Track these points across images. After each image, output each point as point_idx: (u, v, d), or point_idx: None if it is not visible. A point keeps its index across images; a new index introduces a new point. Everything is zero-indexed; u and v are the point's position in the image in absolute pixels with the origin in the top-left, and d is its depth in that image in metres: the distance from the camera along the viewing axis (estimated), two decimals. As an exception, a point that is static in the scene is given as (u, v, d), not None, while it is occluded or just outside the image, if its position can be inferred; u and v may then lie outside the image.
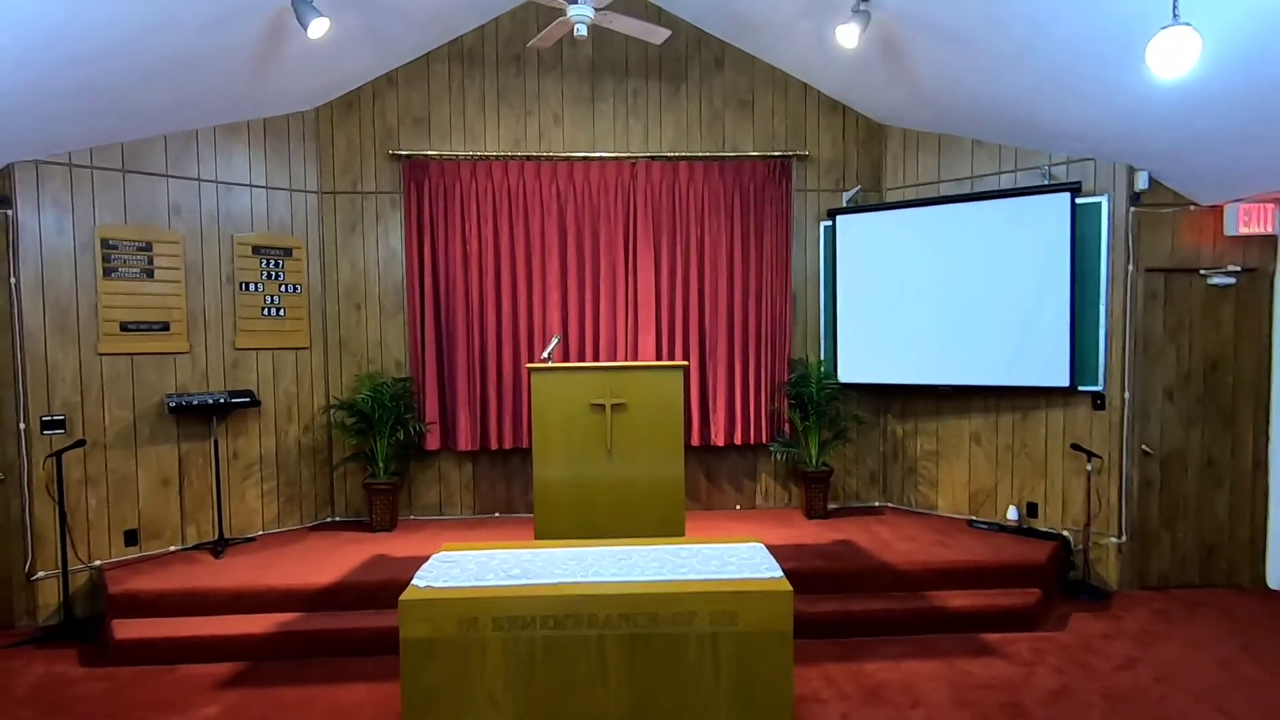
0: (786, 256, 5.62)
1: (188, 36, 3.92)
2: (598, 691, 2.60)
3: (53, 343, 4.42)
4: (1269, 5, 2.94)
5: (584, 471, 3.97)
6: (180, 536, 4.89)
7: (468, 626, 2.58)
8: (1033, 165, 5.01)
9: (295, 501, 5.38)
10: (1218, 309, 4.79)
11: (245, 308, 5.13)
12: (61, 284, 4.45)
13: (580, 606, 2.60)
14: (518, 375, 5.48)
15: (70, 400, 4.48)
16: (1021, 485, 5.17)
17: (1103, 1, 3.35)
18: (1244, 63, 3.33)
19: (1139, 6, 3.20)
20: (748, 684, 2.61)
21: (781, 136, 5.65)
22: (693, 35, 5.54)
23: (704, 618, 2.62)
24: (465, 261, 5.46)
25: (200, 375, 4.95)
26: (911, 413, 5.67)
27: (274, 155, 5.24)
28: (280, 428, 5.30)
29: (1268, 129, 3.73)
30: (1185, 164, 4.44)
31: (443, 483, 5.66)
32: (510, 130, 5.52)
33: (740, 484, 5.78)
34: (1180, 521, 4.85)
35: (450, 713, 2.56)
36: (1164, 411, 4.81)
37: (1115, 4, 3.31)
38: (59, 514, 4.35)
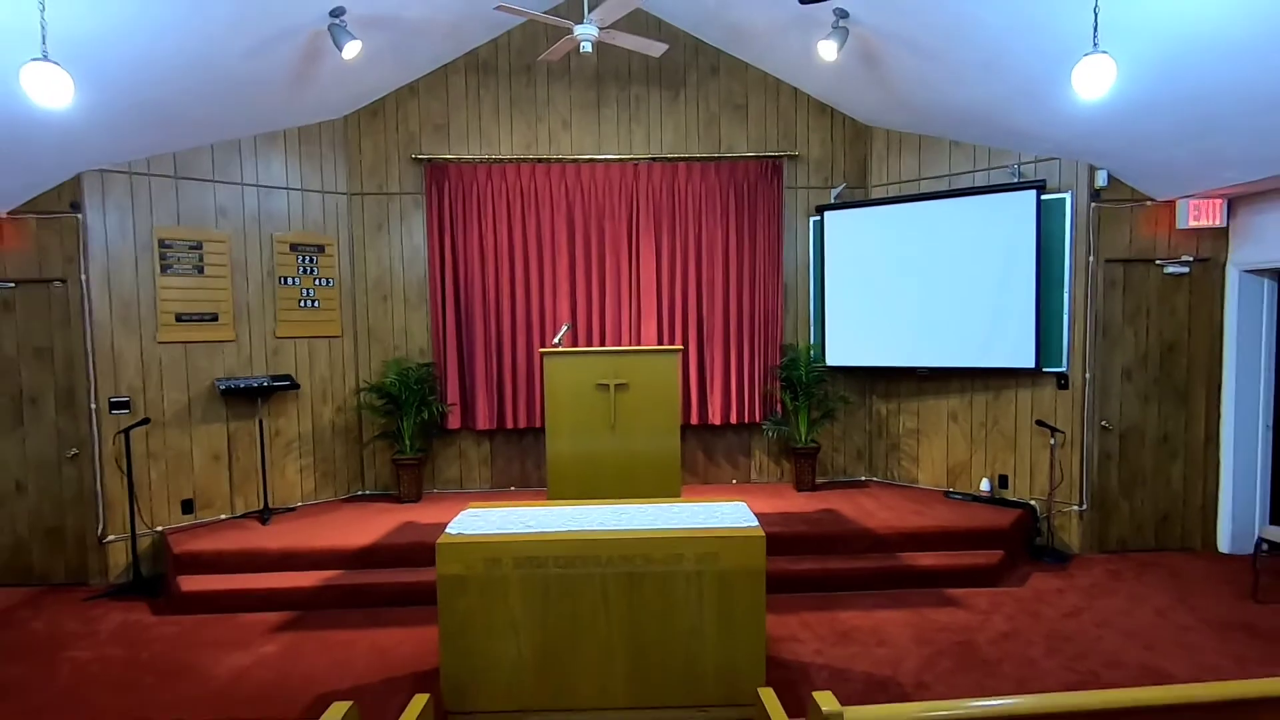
0: (778, 249, 6.08)
1: (236, 60, 4.42)
2: (601, 620, 3.11)
3: (118, 332, 4.96)
4: (1178, 30, 3.37)
5: (591, 444, 4.46)
6: (230, 506, 5.44)
7: (492, 565, 3.08)
8: (1004, 164, 5.43)
9: (330, 476, 5.93)
10: (1173, 296, 5.20)
11: (284, 300, 5.65)
12: (124, 280, 4.98)
13: (586, 549, 3.10)
14: (531, 360, 5.98)
15: (134, 384, 5.03)
16: (994, 459, 5.63)
17: (1052, 23, 3.77)
18: (1166, 77, 3.76)
19: (1083, 29, 3.63)
20: (728, 613, 3.11)
21: (773, 138, 6.09)
22: (690, 44, 5.97)
23: (690, 558, 3.11)
24: (482, 256, 5.96)
25: (245, 361, 5.49)
26: (894, 393, 6.13)
27: (307, 160, 5.75)
28: (316, 409, 5.84)
29: (1197, 134, 4.15)
30: (1139, 163, 4.85)
31: (463, 459, 6.18)
32: (522, 135, 5.99)
33: (736, 460, 6.26)
34: (1137, 491, 5.29)
35: (478, 637, 3.08)
36: (1123, 390, 5.24)
37: (1064, 25, 3.73)
38: (127, 484, 4.91)
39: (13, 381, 4.91)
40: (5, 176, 4.51)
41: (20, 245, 4.81)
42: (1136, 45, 3.63)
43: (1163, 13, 3.36)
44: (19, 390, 4.92)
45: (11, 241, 4.80)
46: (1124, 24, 3.50)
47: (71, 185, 4.79)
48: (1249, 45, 3.34)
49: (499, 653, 3.09)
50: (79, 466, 4.94)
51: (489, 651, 3.09)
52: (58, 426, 4.95)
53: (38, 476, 4.96)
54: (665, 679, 3.12)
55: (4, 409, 4.92)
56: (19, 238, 4.80)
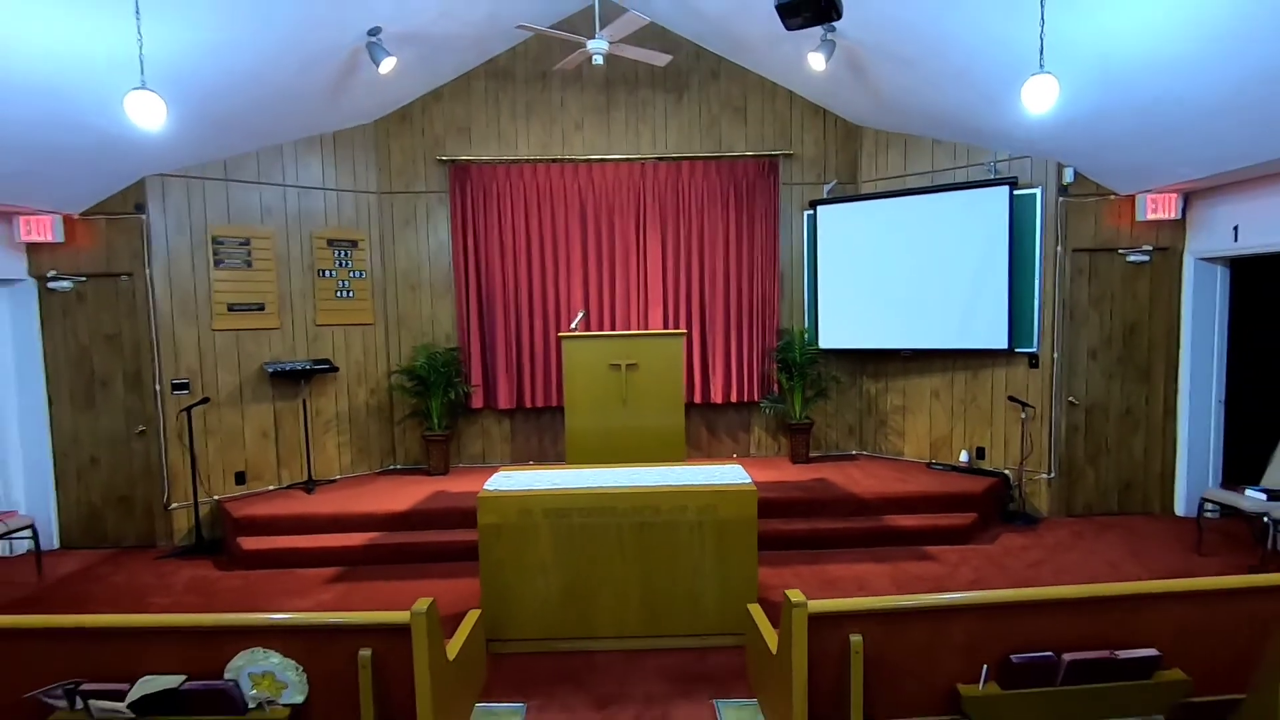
0: (774, 241, 6.57)
1: (286, 75, 4.94)
2: (616, 562, 3.65)
3: (178, 321, 5.51)
4: (1122, 48, 3.85)
5: (604, 418, 5.00)
6: (277, 478, 6.01)
7: (524, 516, 3.63)
8: (980, 162, 5.90)
9: (365, 451, 6.49)
10: (1134, 282, 5.69)
11: (322, 291, 6.19)
12: (182, 273, 5.53)
13: (604, 502, 3.64)
14: (548, 344, 6.52)
15: (192, 367, 5.59)
16: (972, 432, 6.14)
17: (1013, 40, 4.23)
18: (1114, 88, 4.24)
19: (1037, 46, 4.10)
20: (725, 556, 3.64)
21: (770, 138, 6.57)
22: (693, 51, 6.45)
23: (692, 510, 3.65)
24: (502, 249, 6.48)
25: (289, 347, 6.04)
26: (882, 373, 6.64)
27: (342, 162, 6.27)
28: (352, 390, 6.39)
29: (1148, 137, 4.63)
30: (1102, 161, 5.32)
31: (485, 436, 6.74)
32: (538, 137, 6.49)
33: (736, 435, 6.80)
34: (1102, 460, 5.80)
35: (513, 576, 3.63)
36: (1088, 368, 5.74)
37: (1023, 42, 4.19)
38: (190, 457, 5.48)
39: (86, 366, 5.48)
40: (78, 182, 5.05)
41: (91, 243, 5.36)
42: (1087, 60, 4.10)
43: (1107, 33, 3.84)
44: (91, 374, 5.49)
45: (83, 240, 5.35)
46: (1074, 41, 3.97)
47: (136, 189, 5.33)
48: (1182, 63, 3.81)
49: (530, 590, 3.65)
50: (146, 442, 5.51)
51: (521, 589, 3.64)
52: (126, 406, 5.52)
53: (109, 451, 5.54)
54: (671, 612, 3.67)
55: (79, 391, 5.49)
56: (90, 237, 5.35)
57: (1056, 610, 2.39)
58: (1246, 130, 4.13)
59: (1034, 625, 2.39)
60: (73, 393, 5.50)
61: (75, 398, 5.50)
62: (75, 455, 5.54)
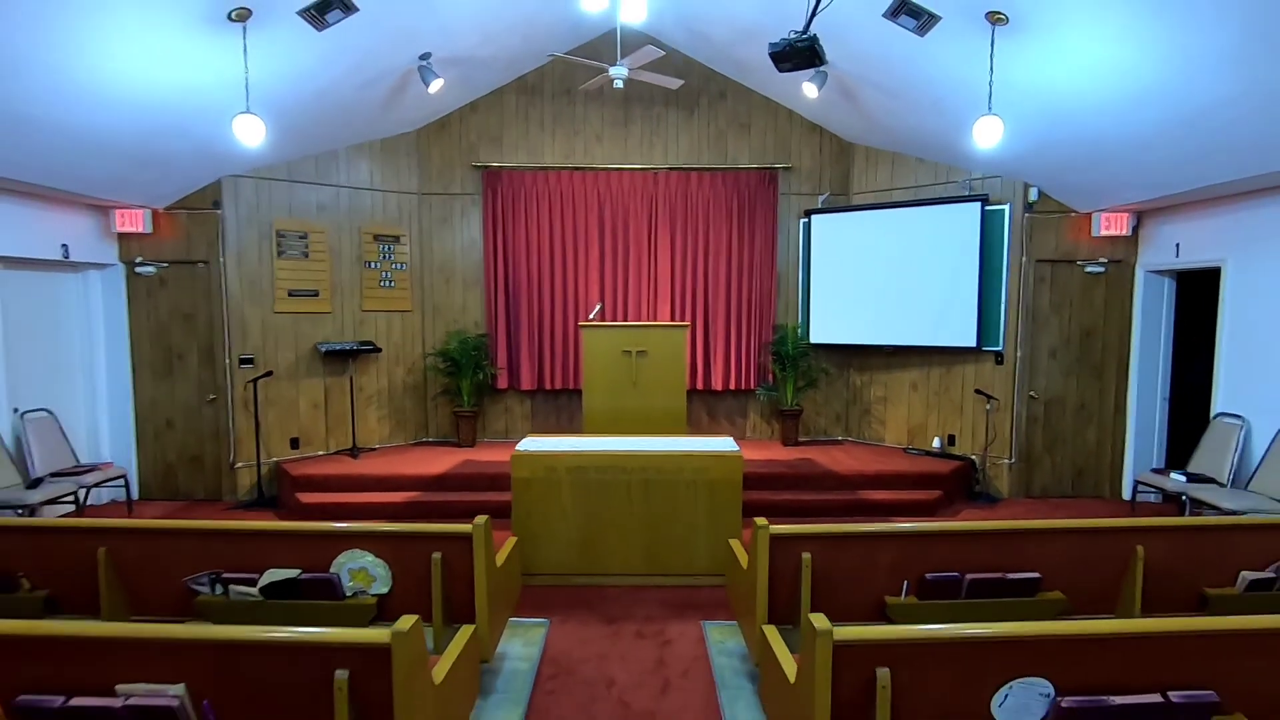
0: (772, 245, 7.29)
1: (349, 91, 5.70)
2: (625, 512, 4.40)
3: (246, 304, 6.30)
4: (1061, 89, 4.56)
5: (617, 398, 5.75)
6: (326, 444, 6.80)
7: (550, 471, 4.38)
8: (957, 180, 6.59)
9: (402, 424, 7.28)
10: (1091, 290, 6.37)
11: (368, 280, 6.97)
12: (250, 262, 6.31)
13: (616, 462, 4.39)
14: (567, 332, 7.27)
15: (256, 344, 6.38)
16: (944, 421, 6.86)
17: (975, 79, 4.91)
18: (1058, 123, 4.94)
19: (1001, 81, 4.80)
20: (714, 510, 4.38)
21: (771, 152, 7.28)
22: (702, 73, 7.16)
23: (688, 471, 4.39)
24: (528, 246, 7.23)
25: (338, 329, 6.82)
26: (867, 367, 7.36)
27: (387, 166, 7.03)
28: (391, 369, 7.17)
29: (1093, 165, 5.33)
30: (1062, 182, 6.01)
31: (508, 414, 7.51)
32: (562, 147, 7.24)
33: (734, 420, 7.54)
34: (1058, 448, 6.50)
35: (540, 520, 4.38)
36: (1048, 366, 6.43)
37: (982, 82, 4.87)
38: (255, 424, 6.27)
39: (165, 341, 6.28)
40: (168, 182, 5.83)
41: (173, 234, 6.14)
42: (1034, 100, 4.81)
43: (1050, 79, 4.54)
44: (170, 348, 6.29)
45: (167, 231, 6.14)
46: (1023, 84, 4.67)
47: (214, 187, 6.11)
48: (1112, 106, 4.51)
49: (553, 533, 4.41)
50: (215, 409, 6.31)
51: (546, 532, 4.41)
52: (199, 377, 6.32)
53: (183, 416, 6.34)
54: (669, 555, 4.42)
55: (158, 362, 6.29)
56: (172, 228, 6.14)
57: (964, 541, 3.13)
58: (1169, 163, 4.82)
59: (946, 552, 3.13)
60: (153, 364, 6.30)
61: (155, 368, 6.30)
62: (154, 419, 6.34)
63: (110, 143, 4.85)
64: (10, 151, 4.44)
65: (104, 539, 3.16)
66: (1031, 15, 4.11)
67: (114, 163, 5.17)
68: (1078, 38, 4.10)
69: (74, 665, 2.14)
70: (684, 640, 3.78)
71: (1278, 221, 4.91)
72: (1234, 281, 5.31)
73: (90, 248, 5.85)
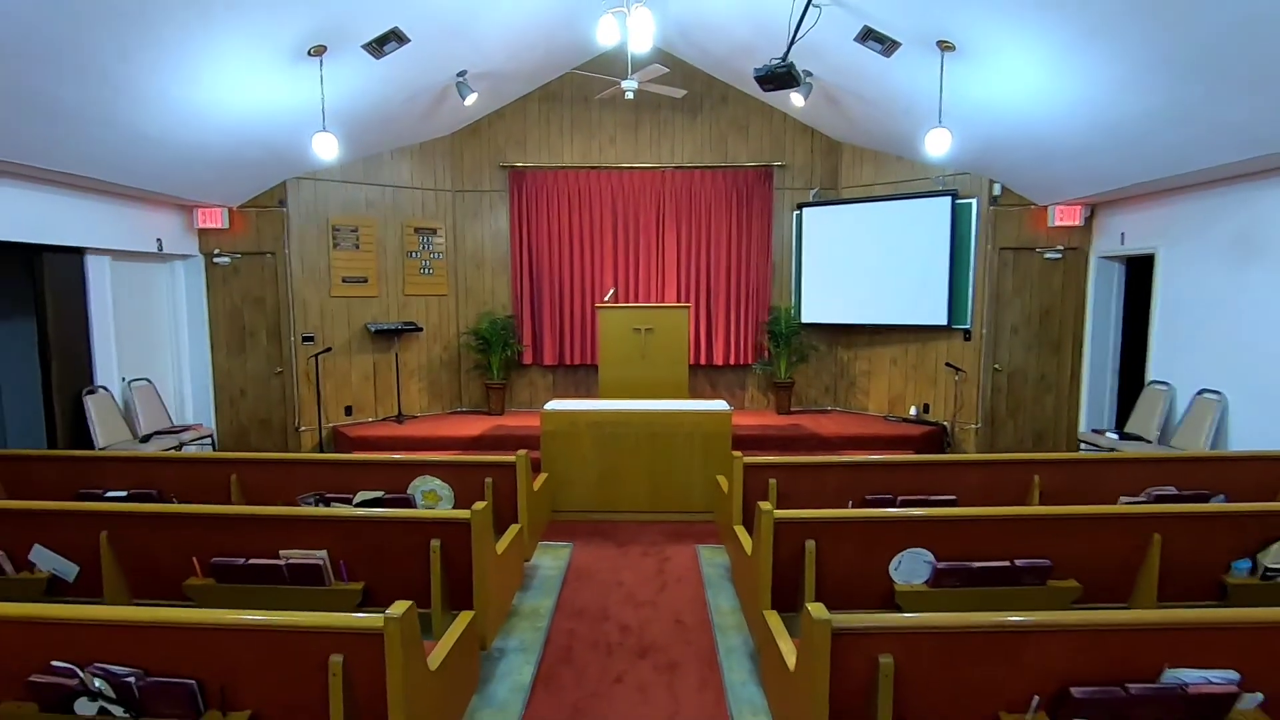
0: (768, 235, 8.14)
1: (396, 104, 6.61)
2: (634, 459, 5.31)
3: (306, 289, 7.26)
4: (1004, 103, 5.36)
5: (628, 370, 6.66)
6: (374, 412, 7.79)
7: (572, 425, 5.31)
8: (932, 176, 7.39)
9: (439, 395, 8.25)
10: (1050, 275, 7.16)
11: (410, 268, 7.91)
12: (310, 253, 7.27)
13: (627, 419, 5.30)
14: (584, 312, 8.18)
15: (315, 324, 7.35)
16: (920, 392, 7.70)
17: (935, 92, 5.72)
18: (1007, 130, 5.74)
19: (949, 99, 5.60)
20: (707, 459, 5.28)
21: (767, 151, 8.11)
22: (705, 80, 7.98)
23: (686, 426, 5.30)
24: (549, 237, 8.13)
25: (385, 311, 7.78)
26: (853, 344, 8.20)
27: (425, 167, 7.95)
28: (430, 347, 8.13)
29: (1043, 164, 6.12)
30: (1021, 179, 6.79)
31: (532, 386, 8.45)
32: (580, 148, 8.11)
33: (733, 391, 8.43)
34: (1020, 414, 7.33)
35: (564, 465, 5.31)
36: (1010, 342, 7.25)
37: (946, 92, 5.68)
38: (316, 393, 7.26)
39: (239, 321, 7.27)
40: (240, 182, 6.79)
41: (245, 229, 7.11)
42: (983, 109, 5.61)
43: (995, 91, 5.33)
44: (242, 327, 7.28)
45: (239, 226, 7.10)
46: (973, 95, 5.47)
47: (280, 188, 7.07)
48: (1049, 115, 5.30)
49: (575, 476, 5.34)
50: (281, 380, 7.30)
51: (570, 475, 5.34)
52: (267, 352, 7.31)
53: (254, 386, 7.34)
54: (670, 496, 5.34)
55: (233, 340, 7.29)
56: (244, 224, 7.10)
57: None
58: (1099, 165, 5.62)
59: (883, 478, 4.01)
60: (228, 341, 7.29)
61: (230, 345, 7.29)
62: (229, 388, 7.35)
63: (202, 154, 5.80)
64: (128, 163, 5.40)
65: (234, 468, 4.14)
66: (975, 44, 4.91)
67: (203, 169, 6.12)
68: (1014, 63, 4.90)
69: (250, 538, 3.10)
70: (680, 558, 4.70)
71: (1197, 216, 5.69)
72: (1165, 267, 6.09)
73: (177, 241, 6.83)
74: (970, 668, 2.11)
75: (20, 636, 2.14)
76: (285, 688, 2.13)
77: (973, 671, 2.12)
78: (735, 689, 3.12)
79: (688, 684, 3.18)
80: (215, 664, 2.13)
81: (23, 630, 2.14)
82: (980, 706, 2.13)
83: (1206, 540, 3.09)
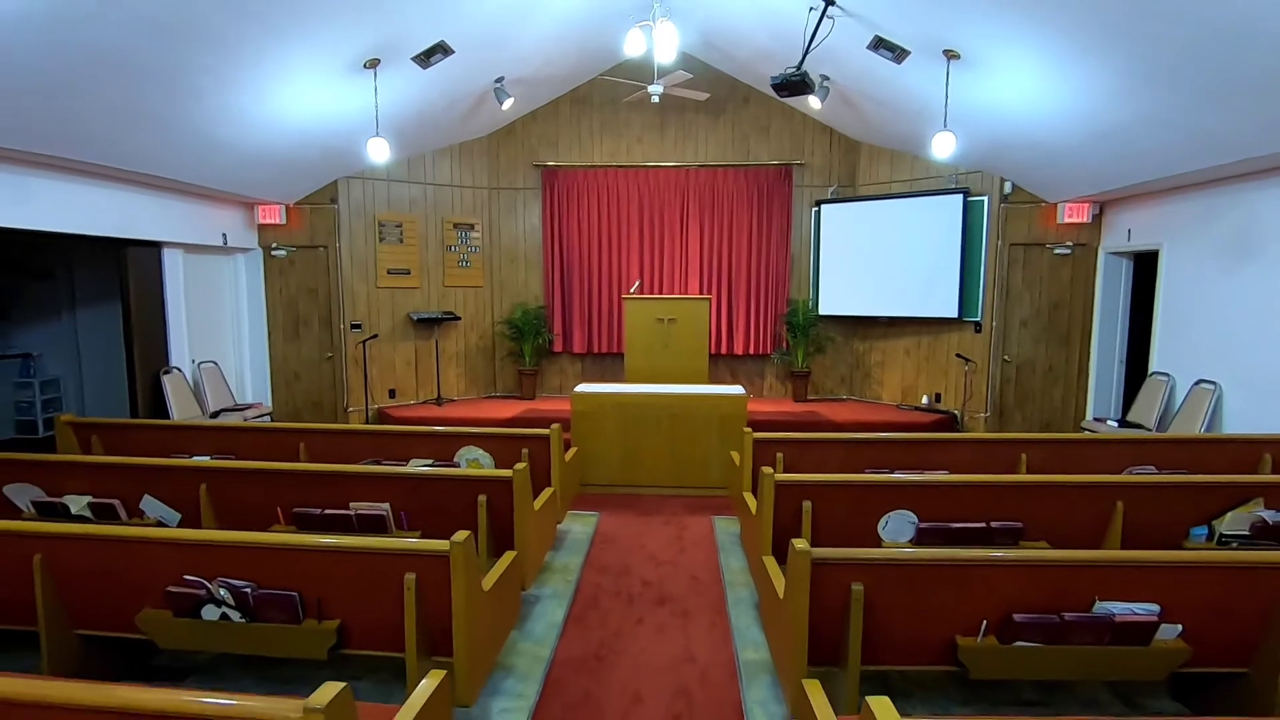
0: (787, 231, 8.51)
1: (439, 109, 7.13)
2: (656, 437, 5.77)
3: (355, 280, 7.84)
4: (1003, 109, 5.68)
5: (652, 358, 7.11)
6: (416, 395, 8.36)
7: (600, 406, 5.78)
8: (946, 174, 7.70)
9: (475, 380, 8.79)
10: (1059, 270, 7.44)
11: (449, 261, 8.45)
12: (358, 247, 7.84)
13: (650, 400, 5.76)
14: (612, 303, 8.65)
15: (362, 313, 7.93)
16: (932, 382, 8.03)
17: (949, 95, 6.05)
18: (1012, 133, 6.05)
19: (955, 103, 5.93)
20: (724, 438, 5.72)
21: (787, 150, 8.47)
22: (728, 82, 8.37)
23: (705, 408, 5.74)
24: (579, 232, 8.61)
25: (425, 301, 8.33)
26: (868, 335, 8.55)
27: (464, 166, 8.47)
28: (467, 335, 8.68)
29: (1048, 164, 6.41)
30: (1031, 177, 7.08)
31: (562, 373, 8.95)
32: (609, 148, 8.56)
33: (752, 380, 8.83)
34: (1028, 405, 7.63)
35: (593, 442, 5.79)
36: (1020, 335, 7.54)
37: (954, 97, 6.00)
38: (364, 376, 7.85)
39: (293, 310, 7.88)
40: (297, 181, 7.37)
41: (300, 225, 7.71)
42: (994, 113, 5.93)
43: (998, 97, 5.66)
44: (297, 316, 7.89)
45: (295, 222, 7.70)
46: (978, 100, 5.80)
47: (331, 186, 7.64)
48: (1047, 119, 5.61)
49: (603, 452, 5.82)
50: (332, 364, 7.90)
51: (597, 451, 5.82)
52: (319, 339, 7.91)
53: (307, 370, 7.96)
54: (689, 472, 5.79)
55: (288, 327, 7.90)
56: (299, 220, 7.70)
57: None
58: (1098, 167, 5.91)
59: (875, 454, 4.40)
60: (284, 328, 7.91)
61: (285, 332, 7.91)
62: (284, 371, 7.97)
63: (266, 156, 6.38)
64: (202, 165, 6.00)
65: (302, 436, 4.69)
66: (978, 54, 5.25)
67: (265, 170, 6.71)
68: (1014, 73, 5.23)
69: (323, 492, 3.63)
70: (697, 527, 5.16)
71: (1197, 215, 5.94)
72: (1167, 263, 6.35)
73: (240, 236, 7.45)
74: (930, 597, 2.53)
75: (160, 555, 2.68)
76: (368, 601, 2.63)
77: (932, 600, 2.54)
78: (740, 631, 3.57)
79: (699, 626, 3.64)
80: (313, 581, 2.64)
81: (162, 550, 2.67)
82: (938, 629, 2.55)
83: (1166, 509, 3.45)
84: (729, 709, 2.93)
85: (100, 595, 2.73)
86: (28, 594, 2.73)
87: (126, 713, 1.60)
